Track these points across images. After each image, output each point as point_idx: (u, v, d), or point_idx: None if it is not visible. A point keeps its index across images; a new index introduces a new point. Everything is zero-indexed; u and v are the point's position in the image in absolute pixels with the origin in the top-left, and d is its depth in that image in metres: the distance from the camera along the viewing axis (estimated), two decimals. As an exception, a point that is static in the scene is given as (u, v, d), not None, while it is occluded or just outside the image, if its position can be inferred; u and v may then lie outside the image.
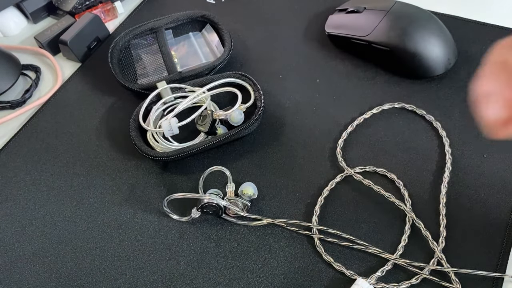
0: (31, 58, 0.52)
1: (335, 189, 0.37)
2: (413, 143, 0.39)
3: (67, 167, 0.41)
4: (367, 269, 0.33)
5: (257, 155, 0.40)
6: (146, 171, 0.40)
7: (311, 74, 0.46)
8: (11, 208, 0.39)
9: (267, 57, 0.48)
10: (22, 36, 0.55)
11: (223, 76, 0.44)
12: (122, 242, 0.36)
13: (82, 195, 0.39)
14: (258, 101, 0.41)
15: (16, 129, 0.45)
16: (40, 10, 0.56)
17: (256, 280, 0.33)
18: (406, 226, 0.34)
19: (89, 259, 0.35)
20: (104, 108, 0.46)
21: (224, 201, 0.35)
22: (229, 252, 0.35)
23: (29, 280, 0.35)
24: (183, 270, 0.34)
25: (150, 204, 0.38)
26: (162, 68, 0.46)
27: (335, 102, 0.43)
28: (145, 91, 0.43)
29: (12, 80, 0.47)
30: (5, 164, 0.42)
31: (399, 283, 0.31)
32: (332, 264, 0.33)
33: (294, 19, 0.51)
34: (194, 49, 0.49)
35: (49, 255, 0.36)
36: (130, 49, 0.48)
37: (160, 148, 0.40)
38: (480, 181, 0.36)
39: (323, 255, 0.33)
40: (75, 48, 0.49)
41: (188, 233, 0.36)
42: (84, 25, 0.49)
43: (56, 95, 0.48)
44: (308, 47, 0.48)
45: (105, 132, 0.44)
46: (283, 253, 0.34)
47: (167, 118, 0.39)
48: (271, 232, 0.35)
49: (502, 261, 0.32)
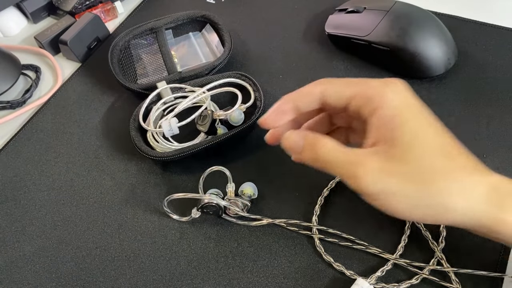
0: (31, 58, 0.52)
1: (335, 189, 0.37)
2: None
3: (67, 167, 0.41)
4: (367, 269, 0.33)
5: (257, 155, 0.40)
6: (146, 171, 0.40)
7: (311, 74, 0.46)
8: (11, 208, 0.39)
9: (267, 57, 0.48)
10: (22, 36, 0.55)
11: (223, 76, 0.44)
12: (122, 242, 0.36)
13: (82, 195, 0.39)
14: (258, 101, 0.41)
15: (16, 129, 0.45)
16: (40, 10, 0.56)
17: (256, 280, 0.33)
18: (406, 226, 0.34)
19: (89, 259, 0.35)
20: (104, 108, 0.46)
21: (224, 201, 0.35)
22: (229, 252, 0.35)
23: (29, 280, 0.35)
24: (183, 270, 0.34)
25: (150, 204, 0.38)
26: (162, 68, 0.46)
27: (335, 102, 0.43)
28: (145, 91, 0.43)
29: (12, 80, 0.47)
30: (5, 164, 0.42)
31: (399, 283, 0.31)
32: (332, 264, 0.33)
33: (294, 19, 0.51)
34: (194, 49, 0.49)
35: (49, 255, 0.36)
36: (130, 49, 0.48)
37: (160, 148, 0.40)
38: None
39: (323, 255, 0.33)
40: (75, 48, 0.49)
41: (188, 233, 0.36)
42: (84, 25, 0.49)
43: (56, 95, 0.48)
44: (308, 47, 0.48)
45: (105, 132, 0.44)
46: (283, 253, 0.34)
47: (167, 118, 0.39)
48: (271, 232, 0.35)
49: (502, 261, 0.32)
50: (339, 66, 0.46)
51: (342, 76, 0.45)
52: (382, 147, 0.26)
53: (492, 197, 0.25)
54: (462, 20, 0.48)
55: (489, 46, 0.45)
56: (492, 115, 0.40)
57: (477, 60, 0.44)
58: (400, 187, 0.25)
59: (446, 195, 0.25)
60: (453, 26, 0.45)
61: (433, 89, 0.42)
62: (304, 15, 0.52)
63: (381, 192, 0.25)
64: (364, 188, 0.25)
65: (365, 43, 0.43)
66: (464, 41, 0.45)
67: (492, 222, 0.25)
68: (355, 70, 0.45)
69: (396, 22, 0.42)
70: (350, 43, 0.45)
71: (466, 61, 0.44)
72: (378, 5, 0.44)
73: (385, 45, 0.42)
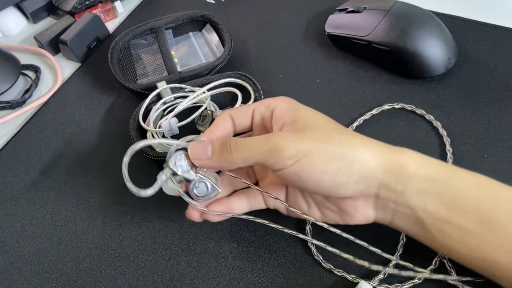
0: (31, 58, 0.52)
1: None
2: (413, 143, 0.39)
3: (67, 167, 0.41)
4: (369, 271, 0.33)
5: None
6: (146, 171, 0.40)
7: (311, 74, 0.46)
8: (11, 208, 0.39)
9: (267, 57, 0.48)
10: (22, 36, 0.55)
11: (223, 76, 0.44)
12: (122, 242, 0.36)
13: (82, 195, 0.39)
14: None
15: (16, 129, 0.45)
16: (40, 10, 0.56)
17: (256, 280, 0.33)
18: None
19: (89, 259, 0.35)
20: (104, 108, 0.46)
21: (191, 170, 0.30)
22: (229, 252, 0.35)
23: (29, 280, 0.35)
24: (183, 270, 0.34)
25: (150, 204, 0.38)
26: (162, 68, 0.46)
27: (335, 102, 0.43)
28: (145, 91, 0.43)
29: (12, 80, 0.47)
30: (5, 164, 0.42)
31: (402, 283, 0.31)
32: (332, 271, 0.33)
33: (294, 19, 0.51)
34: (194, 49, 0.49)
35: (49, 255, 0.36)
36: (130, 49, 0.48)
37: (160, 148, 0.40)
38: (480, 181, 0.36)
39: (322, 264, 0.33)
40: (75, 48, 0.49)
41: (188, 233, 0.36)
42: (84, 25, 0.49)
43: (56, 95, 0.48)
44: (308, 47, 0.48)
45: (105, 132, 0.44)
46: (283, 253, 0.34)
47: (167, 118, 0.39)
48: (271, 232, 0.35)
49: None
50: (339, 66, 0.46)
51: (342, 76, 0.45)
52: (288, 127, 0.30)
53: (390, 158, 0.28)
54: (462, 20, 0.48)
55: (489, 46, 0.45)
56: (492, 115, 0.40)
57: (477, 60, 0.44)
58: (313, 145, 0.28)
59: (351, 145, 0.28)
60: (453, 26, 0.45)
61: (433, 89, 0.42)
62: (304, 15, 0.52)
63: (300, 152, 0.27)
64: (287, 155, 0.27)
65: (365, 43, 0.43)
66: (464, 41, 0.45)
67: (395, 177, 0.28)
68: (355, 70, 0.45)
69: (396, 22, 0.42)
70: (350, 43, 0.45)
71: (466, 61, 0.44)
72: (378, 5, 0.44)
73: (385, 45, 0.42)
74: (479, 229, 0.26)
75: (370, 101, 0.42)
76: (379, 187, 0.28)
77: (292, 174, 0.28)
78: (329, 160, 0.27)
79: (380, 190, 0.28)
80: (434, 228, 0.28)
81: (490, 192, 0.28)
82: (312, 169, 0.27)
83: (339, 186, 0.28)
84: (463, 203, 0.27)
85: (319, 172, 0.27)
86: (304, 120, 0.30)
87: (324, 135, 0.29)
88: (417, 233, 0.29)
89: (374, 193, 0.29)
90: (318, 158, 0.27)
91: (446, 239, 0.28)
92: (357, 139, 0.29)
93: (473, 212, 0.27)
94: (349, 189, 0.28)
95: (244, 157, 0.29)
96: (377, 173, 0.28)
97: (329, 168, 0.27)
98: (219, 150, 0.29)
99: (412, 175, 0.28)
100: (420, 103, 0.41)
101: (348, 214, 0.30)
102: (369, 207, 0.30)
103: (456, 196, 0.27)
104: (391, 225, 0.30)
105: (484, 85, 0.42)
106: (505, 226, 0.26)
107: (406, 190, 0.28)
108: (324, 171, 0.27)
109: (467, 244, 0.27)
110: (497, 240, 0.26)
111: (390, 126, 0.40)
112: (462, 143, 0.38)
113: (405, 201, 0.28)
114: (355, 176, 0.28)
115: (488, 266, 0.27)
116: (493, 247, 0.26)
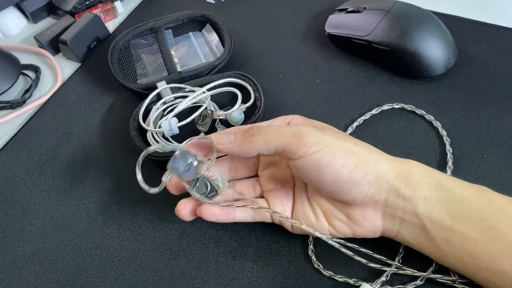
0: (31, 58, 0.52)
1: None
2: (413, 143, 0.39)
3: (67, 167, 0.41)
4: (370, 273, 0.32)
5: (257, 155, 0.40)
6: (146, 171, 0.40)
7: (311, 74, 0.46)
8: (11, 208, 0.39)
9: (267, 57, 0.48)
10: (22, 36, 0.55)
11: (223, 76, 0.44)
12: (122, 242, 0.36)
13: (82, 195, 0.39)
14: (258, 101, 0.41)
15: (16, 129, 0.45)
16: (40, 10, 0.56)
17: (256, 280, 0.33)
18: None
19: (89, 259, 0.35)
20: (104, 108, 0.46)
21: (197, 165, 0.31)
22: (229, 252, 0.35)
23: (29, 280, 0.35)
24: (183, 270, 0.34)
25: (150, 204, 0.38)
26: (162, 68, 0.46)
27: (335, 102, 0.43)
28: (145, 91, 0.43)
29: (12, 80, 0.47)
30: (5, 164, 0.42)
31: (404, 284, 0.31)
32: (334, 278, 0.32)
33: (294, 19, 0.51)
34: (194, 49, 0.49)
35: (49, 255, 0.36)
36: (130, 49, 0.48)
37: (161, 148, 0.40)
38: (481, 181, 0.36)
39: (322, 271, 0.33)
40: (75, 48, 0.49)
41: (188, 233, 0.36)
42: (84, 25, 0.49)
43: (56, 95, 0.48)
44: (308, 47, 0.48)
45: (105, 132, 0.44)
46: (283, 253, 0.34)
47: (167, 118, 0.39)
48: (271, 233, 0.35)
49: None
50: (339, 66, 0.46)
51: (342, 76, 0.45)
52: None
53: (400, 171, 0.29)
54: (462, 20, 0.48)
55: (489, 46, 0.45)
56: (492, 115, 0.40)
57: (477, 60, 0.44)
58: (334, 140, 0.29)
59: (364, 148, 0.30)
60: (453, 26, 0.45)
61: (433, 89, 0.42)
62: (304, 15, 0.52)
63: (322, 142, 0.28)
64: (310, 141, 0.28)
65: (365, 43, 0.43)
66: (464, 41, 0.45)
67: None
68: (355, 70, 0.45)
69: (396, 22, 0.42)
70: (350, 43, 0.45)
71: (466, 61, 0.44)
72: (378, 5, 0.44)
73: (385, 45, 0.42)
74: (481, 237, 0.27)
75: (370, 101, 0.42)
76: (389, 191, 0.28)
77: (312, 163, 0.28)
78: (349, 154, 0.28)
79: (389, 196, 0.28)
80: (438, 237, 0.28)
81: (488, 201, 0.28)
82: (332, 159, 0.28)
83: (353, 184, 0.28)
84: (465, 211, 0.27)
85: (339, 164, 0.28)
86: (320, 126, 0.33)
87: (341, 137, 0.30)
88: (422, 243, 0.29)
89: (384, 199, 0.29)
90: (339, 151, 0.28)
91: (450, 248, 0.28)
92: (368, 146, 0.31)
93: (475, 220, 0.27)
94: (361, 191, 0.28)
95: (266, 141, 0.29)
96: (389, 176, 0.28)
97: (348, 161, 0.28)
98: (242, 135, 0.30)
99: (419, 181, 0.28)
100: (420, 103, 0.41)
101: (357, 223, 0.30)
102: (377, 216, 0.30)
103: (459, 204, 0.28)
104: (397, 237, 0.30)
105: (484, 85, 0.42)
106: (505, 233, 0.26)
107: (414, 196, 0.28)
108: (344, 164, 0.28)
109: (470, 253, 0.27)
110: (498, 248, 0.26)
111: (390, 126, 0.40)
112: (462, 143, 0.38)
113: (412, 209, 0.28)
114: (370, 175, 0.28)
115: (491, 275, 0.27)
116: (496, 255, 0.26)
